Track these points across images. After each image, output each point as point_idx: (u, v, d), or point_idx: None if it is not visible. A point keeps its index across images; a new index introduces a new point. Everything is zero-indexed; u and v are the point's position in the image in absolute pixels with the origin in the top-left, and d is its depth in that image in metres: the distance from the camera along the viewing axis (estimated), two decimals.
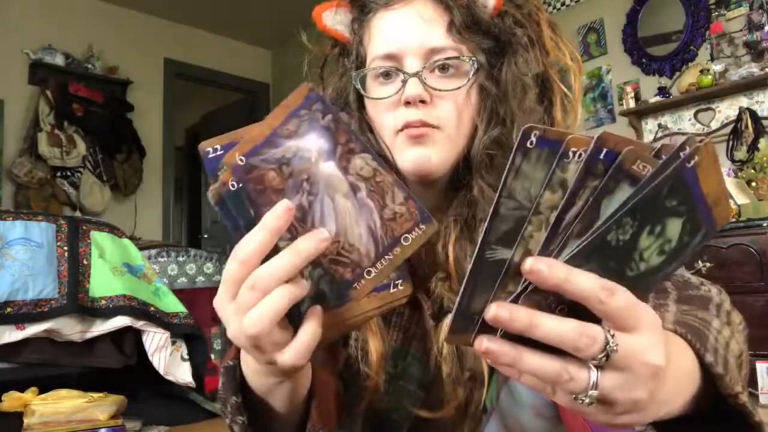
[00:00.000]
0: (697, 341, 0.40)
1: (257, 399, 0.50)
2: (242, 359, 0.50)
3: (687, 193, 0.31)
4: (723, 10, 3.02)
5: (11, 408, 1.73)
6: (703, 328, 0.42)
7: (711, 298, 0.49)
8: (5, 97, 4.01)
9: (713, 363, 0.39)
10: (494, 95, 0.64)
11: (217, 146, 0.39)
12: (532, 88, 0.64)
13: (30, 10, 4.17)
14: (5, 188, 3.97)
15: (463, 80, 0.63)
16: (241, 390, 0.50)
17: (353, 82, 0.67)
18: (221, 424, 2.36)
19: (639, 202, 0.30)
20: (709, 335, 0.42)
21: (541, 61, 0.65)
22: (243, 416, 0.49)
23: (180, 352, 2.22)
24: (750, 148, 2.73)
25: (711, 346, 0.41)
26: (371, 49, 0.66)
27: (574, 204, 0.31)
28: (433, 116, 0.62)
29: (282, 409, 0.50)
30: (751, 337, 0.52)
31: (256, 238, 0.37)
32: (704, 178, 0.31)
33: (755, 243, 2.40)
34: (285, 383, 0.47)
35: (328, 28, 0.70)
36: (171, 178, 4.90)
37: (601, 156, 0.30)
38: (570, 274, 0.31)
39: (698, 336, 0.41)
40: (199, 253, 3.16)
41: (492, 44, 0.64)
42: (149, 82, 4.73)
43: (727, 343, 0.43)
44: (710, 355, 0.40)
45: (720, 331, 0.44)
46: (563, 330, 0.31)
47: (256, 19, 4.96)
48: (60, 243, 2.07)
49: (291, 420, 0.52)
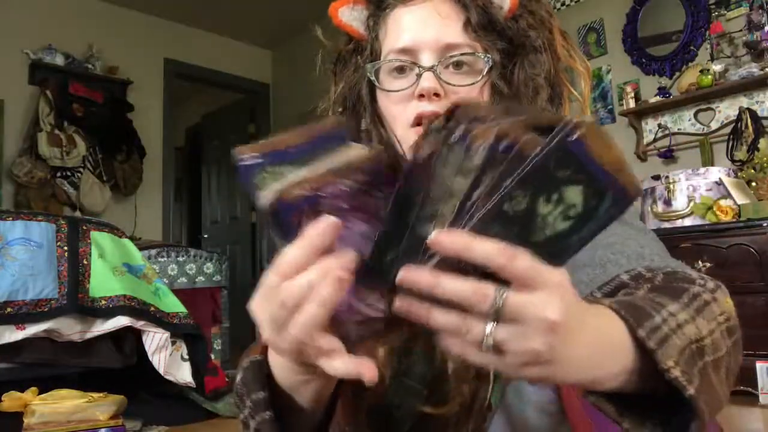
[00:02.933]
0: (631, 317, 0.42)
1: (282, 395, 0.50)
2: (270, 354, 0.50)
3: (578, 162, 0.34)
4: (723, 10, 3.02)
5: (11, 408, 1.73)
6: (650, 308, 0.43)
7: (689, 289, 0.49)
8: (5, 97, 4.01)
9: (645, 338, 0.41)
10: (506, 94, 0.65)
11: (256, 153, 0.39)
12: (544, 89, 0.65)
13: (30, 10, 4.17)
14: (5, 188, 3.97)
15: (477, 77, 0.64)
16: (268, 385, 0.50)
17: (368, 73, 0.67)
18: (221, 424, 2.37)
19: (525, 175, 0.34)
20: (656, 315, 0.43)
21: (553, 65, 0.67)
22: (269, 411, 0.49)
23: (180, 352, 2.22)
24: (750, 148, 2.73)
25: (652, 324, 0.42)
26: (387, 43, 0.67)
27: (479, 186, 0.36)
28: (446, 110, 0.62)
29: (307, 405, 0.50)
30: (751, 337, 0.52)
31: (296, 252, 0.38)
32: (596, 149, 0.34)
33: (755, 243, 2.40)
34: (314, 380, 0.47)
35: (343, 23, 0.71)
36: (171, 178, 4.90)
37: (500, 148, 0.35)
38: (470, 242, 0.35)
39: (636, 313, 0.42)
40: (199, 253, 3.17)
41: (506, 45, 0.66)
42: (149, 82, 4.73)
43: (679, 325, 0.43)
44: (643, 330, 0.41)
45: (674, 314, 0.44)
46: (460, 288, 0.36)
47: (256, 19, 4.96)
48: (60, 243, 2.07)
49: (314, 416, 0.52)
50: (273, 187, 0.38)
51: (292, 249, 0.38)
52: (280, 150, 0.40)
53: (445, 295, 0.36)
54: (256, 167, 0.39)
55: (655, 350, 0.41)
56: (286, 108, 5.28)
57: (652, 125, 3.25)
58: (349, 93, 0.71)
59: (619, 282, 0.56)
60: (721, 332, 0.47)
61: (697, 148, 3.05)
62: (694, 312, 0.46)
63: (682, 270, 0.56)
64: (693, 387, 0.41)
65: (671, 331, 0.43)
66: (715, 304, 0.49)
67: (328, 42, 0.74)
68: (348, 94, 0.71)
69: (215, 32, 5.16)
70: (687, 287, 0.49)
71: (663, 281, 0.53)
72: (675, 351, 0.42)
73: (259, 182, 0.39)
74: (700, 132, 3.07)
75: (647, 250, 0.60)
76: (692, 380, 0.41)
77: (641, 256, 0.59)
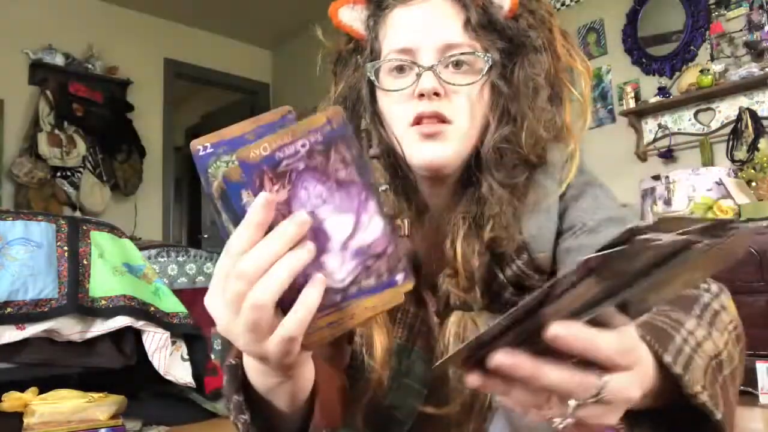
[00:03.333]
0: (657, 342, 0.42)
1: (259, 398, 0.50)
2: (244, 358, 0.50)
3: None
4: (723, 10, 3.02)
5: (11, 408, 1.73)
6: (670, 329, 0.44)
7: (698, 298, 0.49)
8: (5, 97, 4.01)
9: (671, 363, 0.41)
10: (506, 94, 0.65)
11: (207, 144, 0.40)
12: (544, 88, 0.65)
13: (30, 10, 4.17)
14: (5, 188, 3.97)
15: (477, 76, 0.64)
16: (243, 389, 0.50)
17: (368, 73, 0.67)
18: (221, 424, 2.37)
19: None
20: (676, 336, 0.43)
21: (553, 64, 0.66)
22: (245, 415, 0.49)
23: (180, 352, 2.22)
24: (750, 148, 2.73)
25: (675, 347, 0.42)
26: (387, 43, 0.67)
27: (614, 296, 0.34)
28: (446, 109, 0.62)
29: (284, 408, 0.50)
30: (751, 337, 0.52)
31: (244, 233, 0.37)
32: None
33: (755, 243, 2.39)
34: (286, 383, 0.47)
35: (343, 23, 0.71)
36: (171, 178, 4.90)
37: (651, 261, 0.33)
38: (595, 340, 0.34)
39: (660, 337, 0.42)
40: (199, 253, 3.16)
41: (506, 45, 0.65)
42: (149, 82, 4.73)
43: (698, 343, 0.44)
44: (669, 355, 0.41)
45: (692, 332, 0.44)
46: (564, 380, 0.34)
47: (256, 19, 4.95)
48: (60, 243, 2.07)
49: (294, 419, 0.52)
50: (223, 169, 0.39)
51: (238, 231, 0.38)
52: (235, 137, 0.40)
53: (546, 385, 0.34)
54: (210, 156, 0.39)
55: (682, 376, 0.41)
56: None
57: (652, 125, 3.25)
58: (349, 93, 0.71)
59: None
60: (732, 342, 0.48)
61: (697, 148, 3.05)
62: (708, 326, 0.47)
63: None
64: (720, 411, 0.41)
65: (692, 351, 0.43)
66: (724, 313, 0.49)
67: (328, 42, 0.74)
68: (348, 94, 0.71)
69: (215, 32, 5.16)
70: (696, 296, 0.50)
71: None
72: (700, 374, 0.42)
73: (213, 171, 0.39)
74: (700, 132, 3.06)
75: None
76: (718, 403, 0.42)
77: None
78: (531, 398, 0.36)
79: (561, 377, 0.34)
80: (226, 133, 0.40)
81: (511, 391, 0.36)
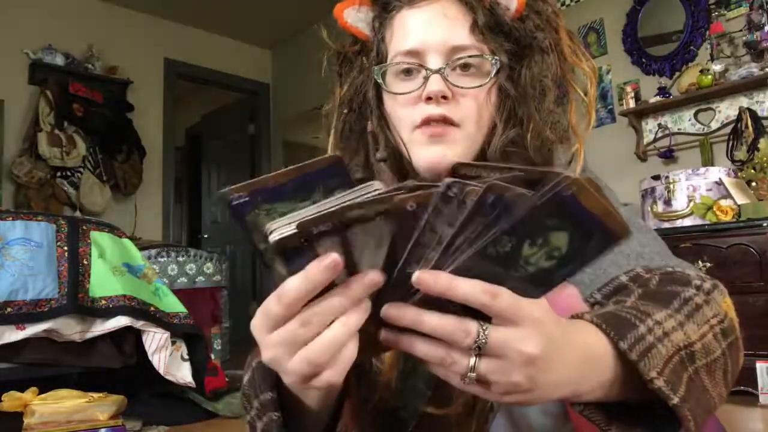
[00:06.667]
0: (613, 330, 0.43)
1: (290, 395, 0.50)
2: None
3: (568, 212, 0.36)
4: (723, 10, 3.02)
5: (11, 408, 1.73)
6: (635, 319, 0.44)
7: (680, 293, 0.49)
8: (5, 97, 4.01)
9: (627, 350, 0.42)
10: (513, 96, 0.65)
11: (243, 193, 0.39)
12: (551, 90, 0.65)
13: (30, 10, 4.17)
14: (5, 188, 3.97)
15: (484, 79, 0.63)
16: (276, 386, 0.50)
17: (375, 76, 0.67)
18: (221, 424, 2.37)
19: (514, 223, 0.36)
20: (640, 326, 0.44)
21: (559, 65, 0.66)
22: (278, 412, 0.50)
23: (180, 352, 2.22)
24: (750, 148, 2.73)
25: (636, 336, 0.43)
26: (393, 45, 0.67)
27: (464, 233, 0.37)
28: (454, 113, 0.62)
29: (315, 406, 0.50)
30: (751, 337, 0.52)
31: (301, 286, 0.37)
32: (585, 200, 0.36)
33: (755, 243, 2.40)
34: None
35: (348, 25, 0.70)
36: (171, 178, 4.90)
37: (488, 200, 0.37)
38: (453, 282, 0.37)
39: (620, 326, 0.43)
40: (199, 253, 3.17)
41: (513, 46, 0.65)
42: (149, 82, 4.73)
43: (665, 333, 0.44)
44: (625, 342, 0.42)
45: (660, 323, 0.45)
46: (442, 324, 0.38)
47: (256, 19, 4.96)
48: (60, 243, 2.07)
49: (323, 417, 0.52)
50: (275, 224, 0.38)
51: (295, 281, 0.38)
52: (270, 187, 0.40)
53: (428, 330, 0.38)
54: (248, 206, 0.39)
55: (637, 362, 0.41)
56: (286, 108, 5.27)
57: (652, 125, 3.25)
58: (354, 95, 0.71)
59: (618, 283, 0.56)
60: (714, 335, 0.48)
61: (697, 148, 3.05)
62: (683, 318, 0.47)
63: (680, 270, 0.56)
64: (678, 396, 0.41)
65: (657, 340, 0.43)
66: (707, 307, 0.49)
67: (331, 43, 0.74)
68: (354, 96, 0.71)
69: (215, 32, 5.16)
70: (679, 291, 0.50)
71: (658, 284, 0.54)
72: (660, 361, 0.42)
73: (252, 220, 0.39)
74: (700, 132, 3.06)
75: (647, 249, 0.60)
76: (677, 389, 0.42)
77: (641, 255, 0.59)
78: (432, 350, 0.38)
79: (439, 322, 0.38)
80: (266, 181, 0.39)
81: (414, 345, 0.39)
